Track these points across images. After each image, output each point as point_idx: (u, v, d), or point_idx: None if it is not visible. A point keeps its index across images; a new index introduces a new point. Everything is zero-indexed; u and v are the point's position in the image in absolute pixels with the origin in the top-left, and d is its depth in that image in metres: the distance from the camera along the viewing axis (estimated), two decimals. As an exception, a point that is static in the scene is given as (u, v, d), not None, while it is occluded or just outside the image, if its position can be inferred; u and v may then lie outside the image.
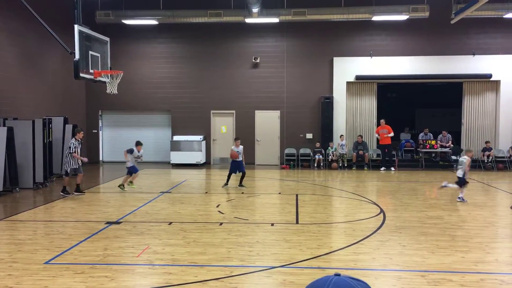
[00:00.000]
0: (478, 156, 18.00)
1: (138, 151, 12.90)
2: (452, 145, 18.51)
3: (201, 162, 18.84)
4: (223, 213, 9.81)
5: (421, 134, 19.10)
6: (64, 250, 7.08)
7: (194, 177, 16.07)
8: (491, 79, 18.07)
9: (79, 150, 11.86)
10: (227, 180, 13.38)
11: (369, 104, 19.05)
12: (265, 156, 19.33)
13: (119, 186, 12.81)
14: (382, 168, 17.68)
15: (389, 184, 14.60)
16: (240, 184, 13.35)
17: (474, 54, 18.07)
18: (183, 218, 9.41)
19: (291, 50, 19.06)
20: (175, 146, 18.85)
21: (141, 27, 19.05)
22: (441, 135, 18.71)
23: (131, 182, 12.96)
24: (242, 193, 12.48)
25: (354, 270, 6.24)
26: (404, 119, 21.61)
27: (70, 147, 11.78)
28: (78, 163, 11.83)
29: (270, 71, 19.12)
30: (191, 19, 17.25)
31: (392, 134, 17.90)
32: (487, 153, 17.63)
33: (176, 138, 19.18)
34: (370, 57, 18.56)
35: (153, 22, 17.64)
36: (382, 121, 17.97)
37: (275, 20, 17.25)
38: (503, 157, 17.74)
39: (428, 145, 18.19)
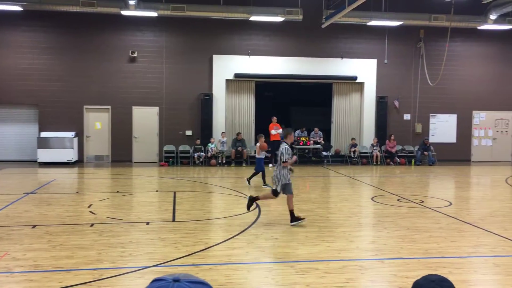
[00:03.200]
0: (346, 152, 19.45)
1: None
2: (323, 142, 19.72)
3: (73, 160, 17.71)
4: (95, 214, 9.31)
5: (298, 131, 20.05)
6: None
7: (65, 176, 15.05)
8: (356, 81, 19.60)
9: None
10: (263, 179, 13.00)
11: (247, 102, 19.50)
12: (143, 154, 18.80)
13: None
14: (270, 165, 18.17)
15: (267, 179, 15.06)
16: (265, 183, 12.90)
17: (342, 57, 19.44)
18: (49, 220, 8.74)
19: (170, 45, 18.75)
20: (43, 143, 17.46)
21: (3, 13, 17.28)
22: (313, 132, 19.83)
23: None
24: (117, 192, 11.98)
25: (228, 264, 6.32)
26: (280, 117, 22.45)
27: None
28: None
29: (148, 67, 18.61)
30: (61, 7, 16.11)
31: (281, 130, 18.51)
32: (352, 149, 19.11)
33: (44, 134, 17.77)
34: (248, 56, 18.99)
35: (17, 8, 16.13)
36: (274, 118, 18.43)
37: (154, 14, 16.84)
38: (367, 153, 19.38)
39: (302, 142, 19.17)
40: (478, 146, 20.59)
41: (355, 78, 19.47)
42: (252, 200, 9.05)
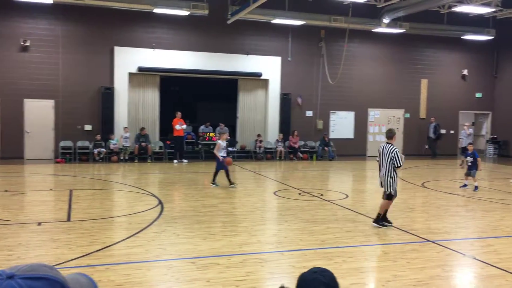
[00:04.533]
0: (251, 147, 19.73)
1: None
2: (228, 137, 19.79)
3: (-45, 157, 16.06)
4: (-22, 215, 8.50)
5: (202, 126, 19.95)
6: None
7: None
8: (261, 78, 19.94)
9: None
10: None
11: (152, 96, 19.01)
12: (37, 150, 17.54)
13: None
14: (175, 161, 17.83)
15: (170, 175, 14.82)
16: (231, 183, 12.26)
17: (248, 54, 19.66)
18: None
19: (68, 35, 17.67)
20: None
21: None
22: (219, 128, 19.84)
23: None
24: (6, 191, 11.05)
25: (127, 264, 6.09)
26: (186, 112, 22.20)
27: None
28: None
29: (43, 57, 17.38)
30: None
31: (185, 126, 18.25)
32: (258, 144, 19.43)
33: None
34: (153, 49, 18.50)
35: None
36: (179, 113, 18.07)
37: (48, 0, 15.75)
38: (271, 148, 19.82)
39: (207, 138, 19.11)
40: (373, 142, 21.94)
41: (260, 74, 19.79)
42: (379, 220, 8.31)
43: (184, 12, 17.04)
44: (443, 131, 22.63)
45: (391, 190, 8.22)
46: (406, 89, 22.15)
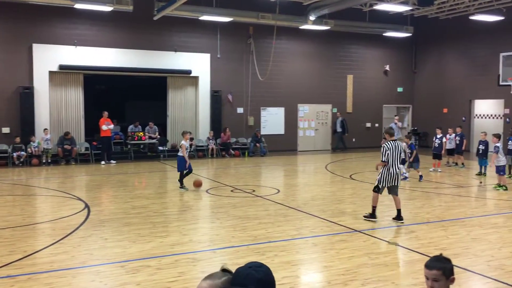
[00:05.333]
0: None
1: None
2: (159, 136, 19.43)
3: None
4: None
5: (131, 126, 19.40)
6: None
7: None
8: (191, 75, 19.70)
9: None
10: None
11: (75, 96, 18.18)
12: (-51, 155, 16.21)
13: None
14: (103, 162, 17.15)
15: (98, 177, 14.26)
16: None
17: (176, 51, 19.33)
18: None
19: (-20, 31, 16.47)
20: None
21: None
22: (148, 127, 19.41)
23: None
24: None
25: (50, 272, 5.79)
26: (113, 111, 21.49)
27: None
28: None
29: (-48, 54, 16.08)
30: None
31: (112, 126, 17.60)
32: (189, 142, 19.18)
33: None
34: (75, 47, 17.69)
35: None
36: (105, 113, 17.36)
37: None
38: (203, 146, 19.67)
39: (137, 137, 18.62)
40: (303, 137, 22.43)
41: (189, 72, 19.55)
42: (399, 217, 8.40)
43: (108, 8, 16.42)
44: (368, 125, 23.59)
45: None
46: (333, 84, 22.83)
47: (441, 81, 23.20)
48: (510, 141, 13.74)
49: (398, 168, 8.55)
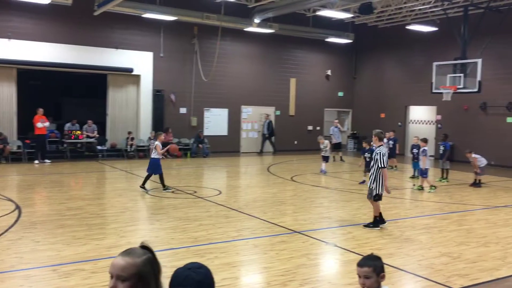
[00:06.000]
0: (122, 145, 18.96)
1: None
2: (97, 135, 18.81)
3: None
4: None
5: (68, 124, 18.66)
6: None
7: None
8: (132, 73, 19.23)
9: None
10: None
11: (8, 91, 17.24)
12: None
13: None
14: (36, 161, 16.32)
15: (31, 177, 13.60)
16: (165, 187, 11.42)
17: (117, 48, 18.80)
18: None
19: None
20: None
21: None
22: (86, 125, 18.75)
23: None
24: None
25: (-26, 278, 5.42)
26: (49, 108, 20.61)
27: None
28: None
29: None
30: None
31: (48, 124, 16.80)
32: (130, 142, 18.74)
33: None
34: (8, 40, 16.78)
35: None
36: (40, 110, 16.51)
37: None
38: (144, 146, 19.26)
39: (74, 136, 17.93)
40: (246, 138, 22.52)
41: (131, 70, 19.08)
42: (375, 223, 8.21)
43: (45, 1, 15.72)
44: (309, 128, 24.06)
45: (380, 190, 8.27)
46: (277, 87, 23.10)
47: (379, 87, 24.09)
48: (441, 146, 14.46)
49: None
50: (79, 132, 18.18)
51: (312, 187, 12.85)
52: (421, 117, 22.57)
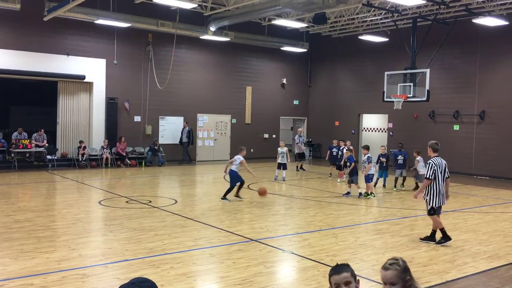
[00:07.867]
0: (73, 154, 18.40)
1: None
2: (47, 145, 18.15)
3: None
4: None
5: (15, 133, 17.92)
6: None
7: None
8: (84, 81, 18.72)
9: None
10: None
11: (-50, 98, 16.39)
12: None
13: None
14: None
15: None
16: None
17: (68, 55, 18.26)
18: None
19: None
20: None
21: None
22: (36, 134, 18.07)
23: None
24: None
25: None
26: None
27: None
28: None
29: None
30: None
31: None
32: (81, 151, 18.18)
33: None
34: (-50, 44, 16.00)
35: None
36: None
37: None
38: (96, 155, 18.75)
39: (22, 145, 17.23)
40: (202, 147, 22.36)
41: (83, 77, 18.57)
42: (445, 238, 7.79)
43: (-9, 5, 15.11)
44: (266, 135, 24.20)
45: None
46: (233, 95, 23.11)
47: (333, 96, 24.58)
48: (400, 156, 14.46)
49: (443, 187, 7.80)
50: (27, 141, 17.50)
51: (269, 194, 12.87)
52: (374, 125, 23.18)
